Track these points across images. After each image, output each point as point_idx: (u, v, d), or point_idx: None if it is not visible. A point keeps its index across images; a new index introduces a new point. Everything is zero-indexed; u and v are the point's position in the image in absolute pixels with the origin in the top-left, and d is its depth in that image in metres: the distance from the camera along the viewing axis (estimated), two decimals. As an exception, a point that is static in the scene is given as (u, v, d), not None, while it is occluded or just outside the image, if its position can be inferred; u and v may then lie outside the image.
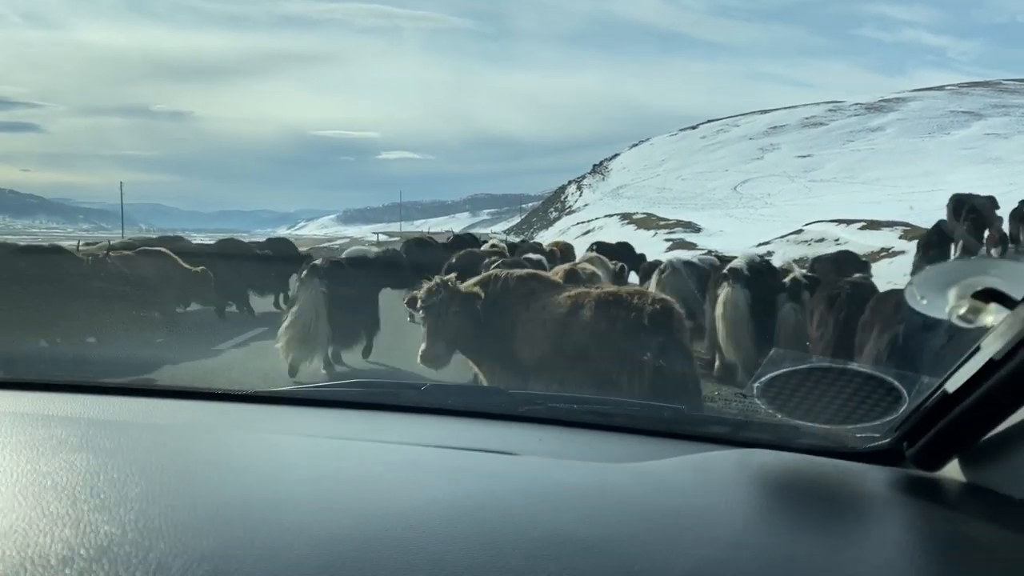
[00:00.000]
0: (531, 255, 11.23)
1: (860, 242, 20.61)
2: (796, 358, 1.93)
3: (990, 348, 1.29)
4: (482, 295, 5.96)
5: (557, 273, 7.55)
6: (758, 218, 45.33)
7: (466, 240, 18.16)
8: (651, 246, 30.93)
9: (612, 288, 6.25)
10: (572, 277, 7.28)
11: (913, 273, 17.02)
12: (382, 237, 52.12)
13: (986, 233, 18.15)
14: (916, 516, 1.49)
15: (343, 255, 10.81)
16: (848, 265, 12.60)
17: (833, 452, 1.85)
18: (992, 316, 1.26)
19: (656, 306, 5.47)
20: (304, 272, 9.31)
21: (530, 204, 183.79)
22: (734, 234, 35.10)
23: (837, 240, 22.46)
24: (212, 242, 19.60)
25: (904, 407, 1.71)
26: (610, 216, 57.75)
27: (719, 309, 8.87)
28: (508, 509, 1.40)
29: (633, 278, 12.87)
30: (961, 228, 18.01)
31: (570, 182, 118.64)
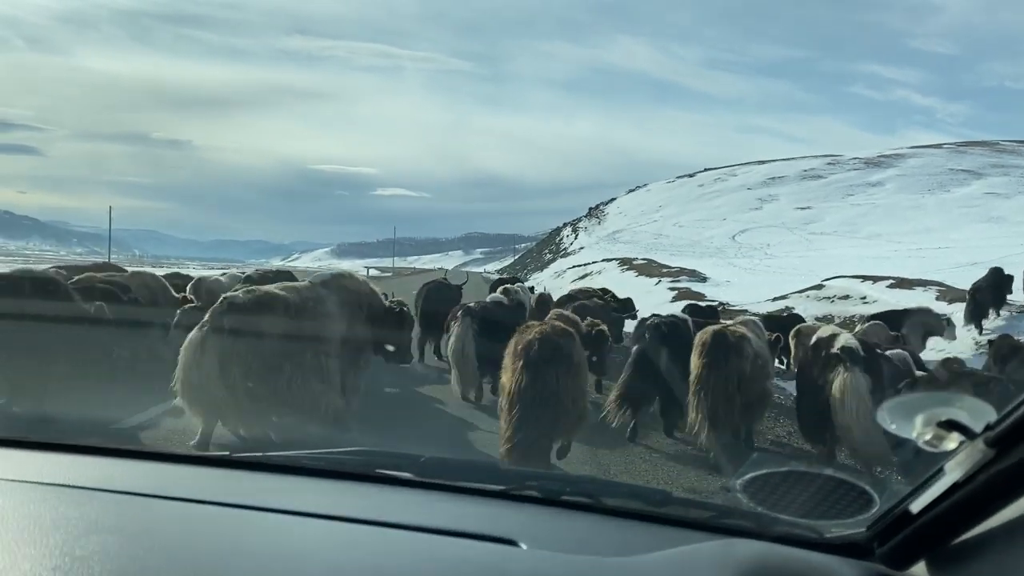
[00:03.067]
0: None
1: (890, 301, 19.06)
2: (775, 461, 2.23)
3: (953, 473, 1.42)
4: None
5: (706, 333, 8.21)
6: (763, 269, 44.10)
7: (507, 282, 17.45)
8: (654, 295, 29.47)
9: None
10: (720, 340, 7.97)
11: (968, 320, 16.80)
12: (373, 272, 50.82)
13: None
14: None
15: (487, 299, 12.08)
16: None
17: (811, 542, 1.88)
18: (954, 444, 1.38)
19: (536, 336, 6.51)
20: (460, 313, 10.70)
21: (523, 245, 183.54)
22: (742, 285, 33.69)
23: (864, 298, 20.98)
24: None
25: (875, 509, 1.83)
26: (608, 260, 56.47)
27: (837, 396, 7.44)
28: None
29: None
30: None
31: (565, 224, 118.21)
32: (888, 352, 7.99)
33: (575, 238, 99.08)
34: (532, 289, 17.28)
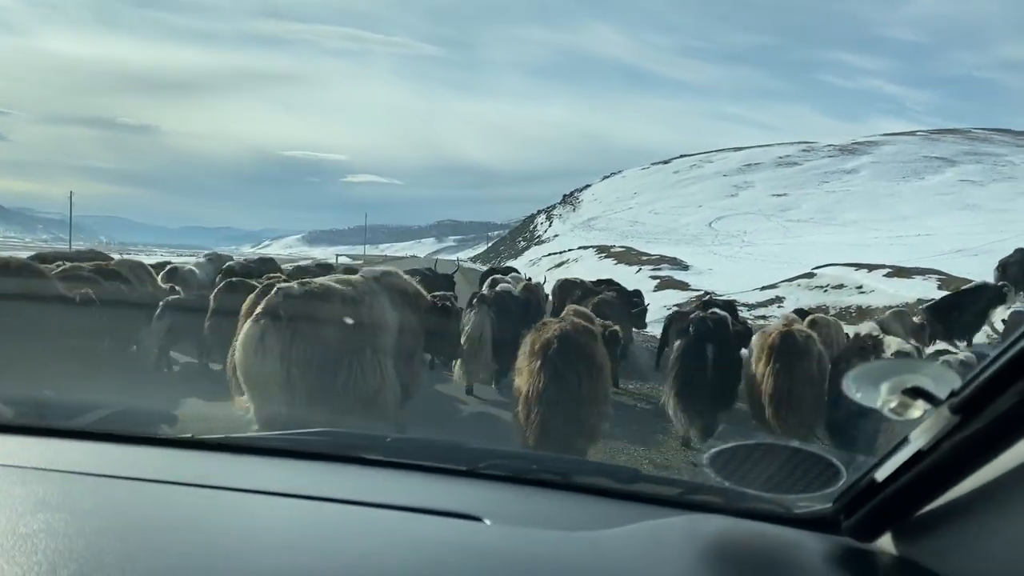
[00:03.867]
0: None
1: (889, 291, 18.25)
2: (743, 434, 2.23)
3: (918, 441, 1.42)
4: None
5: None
6: (744, 257, 43.44)
7: (499, 271, 17.63)
8: (635, 283, 28.41)
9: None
10: None
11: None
12: (343, 259, 49.26)
13: None
14: None
15: (497, 288, 12.04)
16: None
17: (778, 517, 1.89)
18: (919, 411, 1.37)
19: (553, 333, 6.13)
20: (475, 300, 10.81)
21: (496, 232, 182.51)
22: (724, 273, 32.91)
23: (860, 287, 20.05)
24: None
25: (842, 482, 1.80)
26: (585, 248, 55.59)
27: None
28: None
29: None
30: None
31: (539, 212, 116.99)
32: (962, 356, 7.33)
33: (549, 225, 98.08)
34: (530, 279, 16.72)
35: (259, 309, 6.35)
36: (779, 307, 19.21)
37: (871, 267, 23.44)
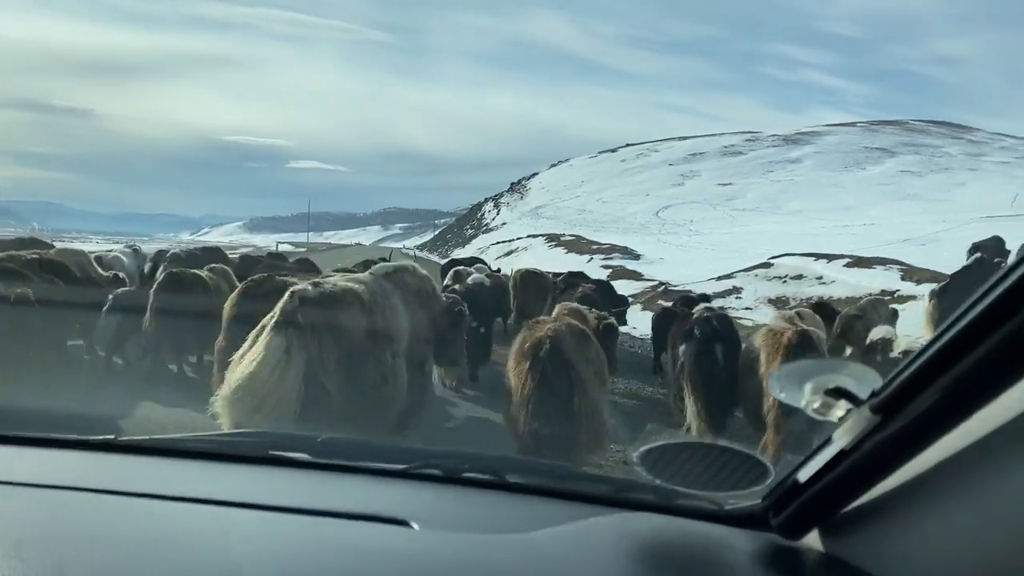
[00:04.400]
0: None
1: (851, 281, 18.07)
2: (671, 433, 3.03)
3: (840, 440, 1.43)
4: None
5: None
6: (693, 245, 43.49)
7: (461, 262, 17.28)
8: (588, 273, 28.28)
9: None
10: None
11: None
12: (285, 247, 48.06)
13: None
14: None
15: (468, 281, 11.40)
16: None
17: (710, 514, 1.90)
18: (841, 411, 1.40)
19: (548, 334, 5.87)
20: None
21: (443, 220, 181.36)
22: (675, 263, 32.77)
23: (820, 278, 19.87)
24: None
25: (770, 480, 1.83)
26: (534, 236, 55.17)
27: None
28: None
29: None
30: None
31: (487, 199, 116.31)
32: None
33: (497, 213, 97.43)
34: (499, 270, 16.40)
35: (276, 317, 5.81)
36: (737, 298, 19.11)
37: (830, 257, 23.21)
